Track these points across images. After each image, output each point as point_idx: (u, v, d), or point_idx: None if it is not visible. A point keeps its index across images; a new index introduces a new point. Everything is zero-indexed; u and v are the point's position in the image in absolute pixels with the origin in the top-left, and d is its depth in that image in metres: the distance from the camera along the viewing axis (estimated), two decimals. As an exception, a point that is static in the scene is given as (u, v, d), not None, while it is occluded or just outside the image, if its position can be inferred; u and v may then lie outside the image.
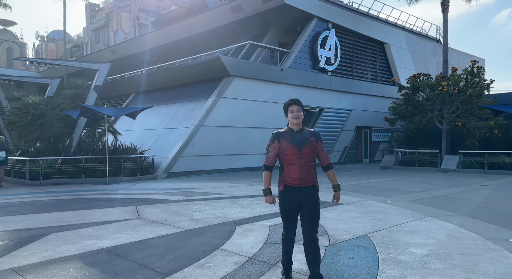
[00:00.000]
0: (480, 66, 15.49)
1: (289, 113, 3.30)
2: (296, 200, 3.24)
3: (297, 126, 3.29)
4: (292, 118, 3.28)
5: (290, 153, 3.21)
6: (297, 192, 3.23)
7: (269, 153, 3.32)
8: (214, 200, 8.08)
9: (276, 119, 17.30)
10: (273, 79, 16.94)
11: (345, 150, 20.65)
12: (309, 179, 3.25)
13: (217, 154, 15.12)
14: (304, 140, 3.25)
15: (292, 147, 3.21)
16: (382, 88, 22.56)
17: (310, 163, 3.26)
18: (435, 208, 6.72)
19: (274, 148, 3.30)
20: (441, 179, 12.07)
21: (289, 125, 3.35)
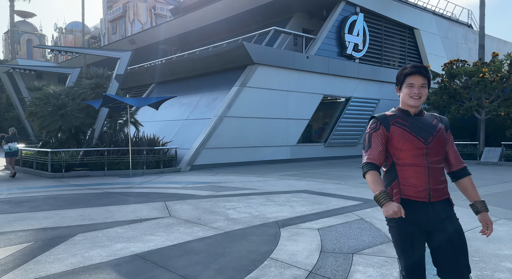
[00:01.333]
0: (526, 51, 14.28)
1: (405, 88, 2.15)
2: (422, 223, 2.04)
3: (416, 109, 2.16)
4: (409, 96, 2.12)
5: (410, 146, 2.07)
6: (424, 211, 2.04)
7: (373, 144, 2.14)
8: (246, 196, 7.50)
9: (301, 110, 16.55)
10: (298, 67, 16.14)
11: (372, 142, 19.72)
12: (441, 189, 2.09)
13: (240, 146, 14.54)
14: (431, 128, 2.11)
15: (413, 138, 2.07)
16: (411, 77, 21.38)
17: (440, 164, 2.14)
18: (504, 209, 5.94)
19: (381, 137, 2.14)
20: (486, 173, 11.15)
21: (400, 106, 2.24)
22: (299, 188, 8.51)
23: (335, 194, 7.61)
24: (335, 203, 6.64)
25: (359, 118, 18.93)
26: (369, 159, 2.13)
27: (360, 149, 19.16)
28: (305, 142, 17.30)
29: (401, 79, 2.19)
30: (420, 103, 2.14)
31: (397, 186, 2.10)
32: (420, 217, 2.03)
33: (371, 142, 2.16)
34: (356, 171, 12.22)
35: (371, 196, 7.10)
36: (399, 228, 2.07)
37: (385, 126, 2.15)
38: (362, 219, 5.37)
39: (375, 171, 2.11)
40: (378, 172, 2.12)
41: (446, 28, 24.29)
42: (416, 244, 2.04)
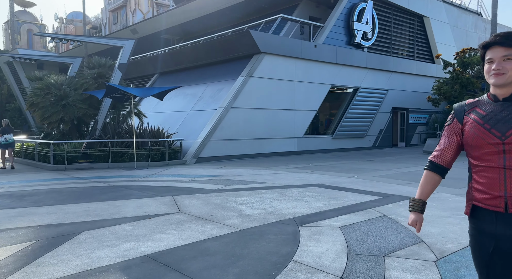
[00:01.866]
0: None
1: (485, 65, 1.72)
2: (500, 236, 1.63)
3: (503, 90, 1.66)
4: (488, 74, 1.69)
5: (480, 142, 1.66)
6: (501, 222, 1.63)
7: (442, 140, 1.84)
8: (257, 190, 7.17)
9: (309, 101, 16.14)
10: (305, 56, 15.67)
11: (381, 133, 19.34)
12: None
13: (246, 138, 14.18)
14: None
15: (484, 131, 1.66)
16: (421, 66, 20.89)
17: None
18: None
19: (452, 131, 1.80)
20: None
21: (490, 91, 1.77)
22: (311, 181, 8.18)
23: (350, 188, 7.27)
24: (352, 198, 6.30)
25: (367, 110, 18.51)
26: (433, 156, 1.88)
27: (368, 140, 18.79)
28: (312, 133, 16.93)
29: (482, 56, 1.76)
30: (506, 81, 1.64)
31: (470, 191, 1.77)
32: (497, 228, 1.63)
33: (441, 137, 1.88)
34: (367, 164, 11.87)
35: (389, 190, 6.78)
36: (475, 239, 1.74)
37: (458, 118, 1.78)
38: (385, 216, 5.03)
39: (431, 172, 1.86)
40: (438, 172, 1.85)
41: (456, 17, 23.65)
42: (494, 259, 1.65)
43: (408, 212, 4.90)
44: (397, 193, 6.63)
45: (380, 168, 10.64)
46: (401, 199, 6.12)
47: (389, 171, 9.90)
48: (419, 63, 20.89)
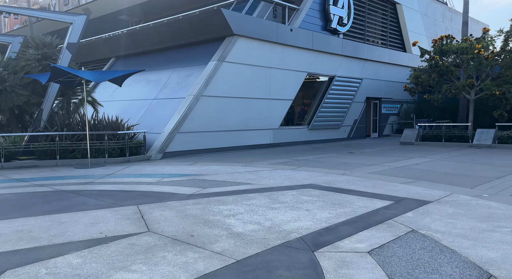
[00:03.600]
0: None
1: None
2: None
3: None
4: None
5: None
6: None
7: None
8: (243, 195, 5.95)
9: (285, 89, 15.04)
10: (281, 41, 14.47)
11: (355, 124, 18.76)
12: None
13: (219, 130, 12.83)
14: None
15: None
16: (393, 55, 20.50)
17: None
18: None
19: None
20: (491, 157, 10.36)
21: None
22: (302, 181, 7.08)
23: (350, 189, 6.25)
24: (360, 203, 5.27)
25: (343, 99, 17.79)
26: None
27: (343, 131, 18.12)
28: (288, 124, 15.91)
29: None
30: None
31: None
32: None
33: None
34: (351, 157, 11.02)
35: (396, 192, 5.84)
36: None
37: None
38: (415, 231, 4.02)
39: None
40: None
41: (426, 5, 23.52)
42: None
43: (440, 223, 3.74)
44: (407, 196, 5.69)
45: (368, 162, 9.80)
46: (417, 204, 5.17)
47: (380, 166, 9.06)
48: (391, 51, 20.47)
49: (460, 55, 14.67)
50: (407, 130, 15.57)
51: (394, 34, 21.51)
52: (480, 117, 18.58)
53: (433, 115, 20.47)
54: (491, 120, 18.41)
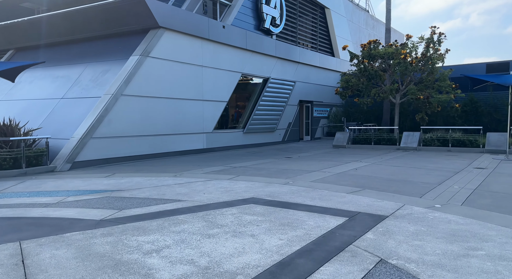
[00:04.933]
0: (441, 33, 14.44)
1: None
2: None
3: None
4: None
5: None
6: None
7: None
8: (171, 217, 4.78)
9: (218, 90, 14.03)
10: (213, 37, 13.45)
11: (289, 127, 18.50)
12: None
13: (145, 134, 11.32)
14: None
15: None
16: (323, 59, 20.81)
17: None
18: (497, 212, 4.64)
19: None
20: (421, 160, 10.58)
21: None
22: (242, 194, 6.13)
23: (297, 203, 5.48)
24: (312, 222, 4.49)
25: (277, 102, 17.38)
26: None
27: (278, 134, 17.69)
28: (222, 128, 14.90)
29: None
30: None
31: None
32: None
33: None
34: (289, 163, 10.42)
35: (346, 205, 5.23)
36: None
37: None
38: (384, 261, 3.31)
39: None
40: None
41: (351, 11, 24.50)
42: None
43: (406, 248, 3.02)
44: (360, 209, 5.09)
45: (308, 168, 9.26)
46: (373, 220, 4.56)
47: (320, 172, 8.55)
48: (321, 55, 20.76)
49: (387, 60, 15.19)
50: (339, 133, 15.67)
51: (324, 39, 21.91)
52: (401, 120, 19.70)
53: (360, 118, 21.24)
54: (411, 124, 19.64)
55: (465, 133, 13.48)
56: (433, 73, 14.56)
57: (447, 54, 14.58)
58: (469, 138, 12.90)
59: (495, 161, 10.13)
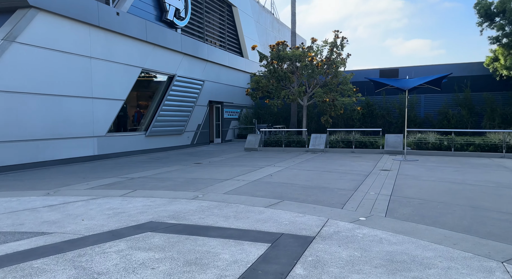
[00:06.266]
0: (344, 37, 14.93)
1: None
2: None
3: None
4: None
5: None
6: None
7: None
8: (20, 267, 3.28)
9: (113, 86, 12.11)
10: (105, 25, 11.53)
11: (199, 129, 17.30)
12: None
13: (9, 139, 8.93)
14: None
15: None
16: (232, 59, 20.16)
17: None
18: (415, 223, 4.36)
19: None
20: (331, 163, 10.51)
21: None
22: (137, 217, 4.83)
23: (208, 226, 4.44)
24: (227, 255, 3.50)
25: (185, 102, 16.04)
26: None
27: (186, 137, 16.34)
28: (119, 130, 12.97)
29: None
30: None
31: None
32: None
33: None
34: (199, 169, 9.30)
35: (265, 224, 4.44)
36: None
37: None
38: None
39: None
40: None
41: (258, 13, 24.43)
42: None
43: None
44: (282, 229, 4.30)
45: (220, 175, 8.28)
46: (299, 244, 3.79)
47: (234, 180, 7.65)
48: (231, 55, 20.09)
49: (294, 62, 15.18)
50: (250, 136, 15.11)
51: (232, 38, 21.28)
52: (308, 122, 20.22)
53: (270, 120, 21.21)
54: (317, 126, 20.31)
55: (366, 135, 14.16)
56: (337, 77, 15.04)
57: (348, 58, 15.23)
58: (370, 140, 13.55)
59: (396, 161, 10.62)
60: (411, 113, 18.43)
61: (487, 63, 17.02)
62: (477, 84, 18.22)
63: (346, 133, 14.50)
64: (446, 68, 18.45)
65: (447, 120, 18.27)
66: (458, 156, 11.71)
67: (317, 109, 19.30)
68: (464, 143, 12.13)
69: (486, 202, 5.51)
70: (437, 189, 6.60)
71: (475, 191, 6.36)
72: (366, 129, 14.06)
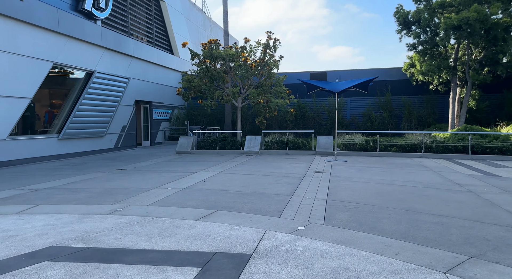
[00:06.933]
0: (276, 39, 14.86)
1: None
2: None
3: None
4: None
5: None
6: None
7: None
8: None
9: (17, 82, 10.43)
10: (6, 12, 9.86)
11: (123, 131, 15.90)
12: None
13: None
14: None
15: None
16: (162, 56, 19.03)
17: None
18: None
19: None
20: (266, 166, 10.24)
21: None
22: (33, 241, 3.90)
23: (125, 248, 3.72)
24: (147, 288, 2.86)
25: (107, 101, 14.58)
26: None
27: (108, 140, 14.85)
28: (25, 133, 11.21)
29: None
30: None
31: None
32: None
33: None
34: (121, 177, 8.31)
35: (194, 242, 3.91)
36: None
37: None
38: None
39: None
40: None
41: (189, 9, 23.53)
42: None
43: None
44: (214, 247, 3.78)
45: (145, 183, 7.45)
46: (234, 266, 3.31)
47: (162, 189, 6.90)
48: (160, 52, 18.93)
49: (228, 61, 14.74)
50: (182, 138, 14.27)
51: (161, 34, 20.10)
52: (242, 123, 19.94)
53: (204, 121, 20.48)
54: (251, 127, 20.14)
55: (299, 136, 14.27)
56: (271, 78, 14.95)
57: (281, 60, 15.25)
58: (303, 141, 13.67)
59: (328, 163, 10.76)
60: (339, 115, 19.22)
61: (405, 68, 18.45)
62: (396, 89, 19.67)
63: (280, 135, 14.48)
64: (370, 72, 19.61)
65: (370, 122, 19.41)
66: (383, 156, 12.34)
67: (251, 111, 19.11)
68: (388, 144, 12.83)
69: (416, 203, 5.63)
70: (369, 190, 6.66)
71: (404, 192, 6.53)
72: (299, 131, 14.16)
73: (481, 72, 15.80)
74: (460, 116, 16.47)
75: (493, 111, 18.36)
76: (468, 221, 4.61)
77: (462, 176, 8.26)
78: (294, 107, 19.14)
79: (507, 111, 17.82)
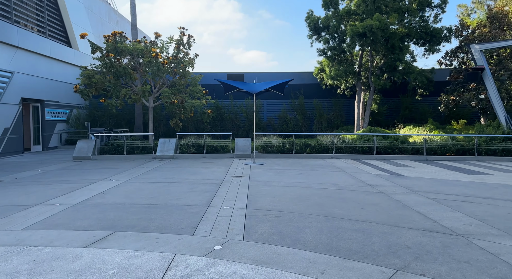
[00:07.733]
0: (190, 35, 13.96)
1: None
2: None
3: None
4: None
5: None
6: None
7: None
8: None
9: None
10: None
11: (6, 135, 13.31)
12: None
13: None
14: None
15: None
16: (56, 48, 16.60)
17: None
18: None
19: None
20: (180, 172, 9.36)
21: None
22: None
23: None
24: None
25: (-20, 98, 11.98)
26: None
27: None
28: None
29: None
30: None
31: None
32: None
33: None
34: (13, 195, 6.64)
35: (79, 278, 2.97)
36: None
37: None
38: None
39: None
40: None
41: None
42: None
43: None
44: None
45: (25, 199, 6.02)
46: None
47: (46, 206, 5.61)
48: (54, 44, 16.48)
49: (136, 57, 13.40)
50: (81, 142, 12.46)
51: (56, 24, 17.58)
52: (155, 125, 18.55)
53: (110, 123, 18.51)
54: (166, 129, 18.85)
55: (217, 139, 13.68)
56: (186, 77, 14.05)
57: (196, 59, 14.45)
58: (221, 144, 13.10)
59: (246, 166, 10.37)
60: (256, 117, 19.17)
61: (316, 73, 19.25)
62: (309, 92, 20.44)
63: (197, 138, 13.69)
64: (285, 75, 20.01)
65: (286, 124, 19.81)
66: (299, 158, 12.47)
67: (165, 112, 17.87)
68: (303, 146, 13.04)
69: (335, 208, 5.47)
70: (288, 195, 6.37)
71: (322, 195, 6.40)
72: (217, 133, 13.55)
73: (382, 78, 17.26)
74: (365, 119, 17.76)
75: (391, 114, 20.31)
76: (387, 226, 4.55)
77: (371, 176, 8.61)
78: (212, 108, 18.49)
79: (402, 114, 19.89)
